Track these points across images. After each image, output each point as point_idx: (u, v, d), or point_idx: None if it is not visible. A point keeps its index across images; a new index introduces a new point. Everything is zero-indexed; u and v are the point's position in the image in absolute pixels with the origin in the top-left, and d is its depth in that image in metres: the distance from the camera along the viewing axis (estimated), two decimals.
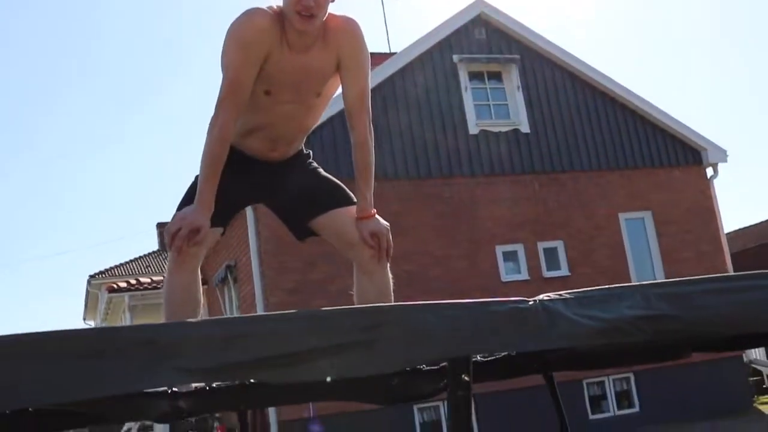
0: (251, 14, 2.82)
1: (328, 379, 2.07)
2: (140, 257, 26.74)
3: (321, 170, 3.22)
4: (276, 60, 2.84)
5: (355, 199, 3.04)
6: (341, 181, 3.19)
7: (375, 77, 13.66)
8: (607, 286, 2.47)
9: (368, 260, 3.02)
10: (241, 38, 2.80)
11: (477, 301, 2.26)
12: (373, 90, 11.97)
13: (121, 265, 25.66)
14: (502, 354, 2.96)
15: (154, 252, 26.65)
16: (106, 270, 24.25)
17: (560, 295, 2.34)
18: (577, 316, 2.25)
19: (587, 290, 2.42)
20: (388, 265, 3.09)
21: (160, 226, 24.95)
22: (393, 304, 2.14)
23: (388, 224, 3.01)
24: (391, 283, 3.11)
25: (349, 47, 2.93)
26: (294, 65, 2.87)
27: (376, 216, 2.99)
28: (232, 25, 2.83)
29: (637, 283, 2.52)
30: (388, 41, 19.76)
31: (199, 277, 3.01)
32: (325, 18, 2.83)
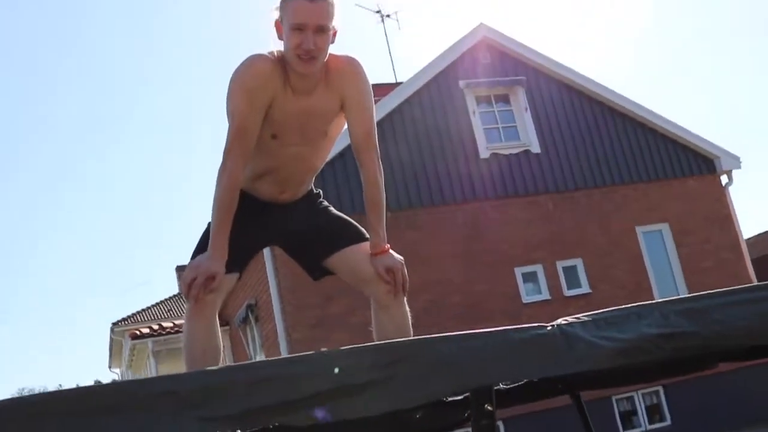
0: (253, 61, 2.84)
1: (352, 418, 2.07)
2: (161, 301, 26.77)
3: (332, 209, 3.23)
4: (280, 104, 2.86)
5: (367, 235, 3.05)
6: (356, 216, 3.20)
7: (382, 107, 13.77)
8: (625, 306, 2.47)
9: (385, 295, 3.02)
10: (245, 85, 2.82)
11: (496, 330, 2.26)
12: (381, 120, 12.09)
13: (143, 310, 25.68)
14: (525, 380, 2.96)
15: (174, 296, 26.70)
16: (129, 317, 24.29)
17: (578, 318, 2.34)
18: (596, 338, 2.25)
19: (605, 311, 2.42)
20: (405, 299, 3.10)
21: (180, 269, 25.02)
22: (411, 338, 2.14)
23: (402, 258, 3.01)
24: (410, 317, 3.11)
25: (353, 87, 2.95)
26: (298, 108, 2.89)
27: (390, 251, 3.00)
28: (234, 72, 2.85)
29: (655, 301, 2.51)
30: (394, 71, 19.86)
31: (218, 323, 3.02)
32: (326, 59, 2.85)
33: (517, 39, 15.36)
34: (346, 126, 3.07)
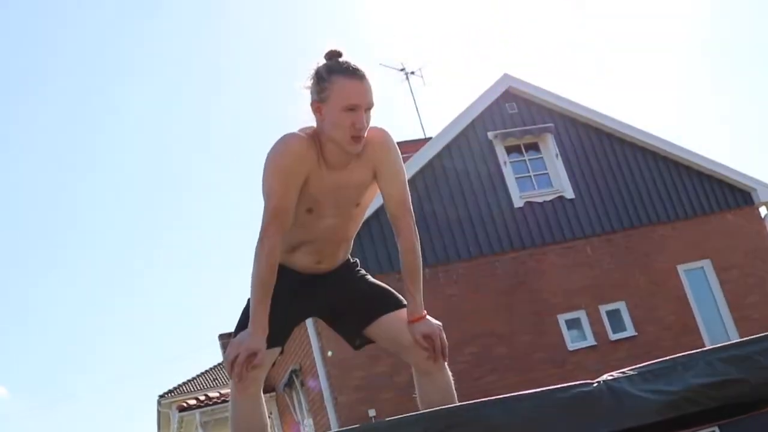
0: (287, 141, 2.87)
1: None
2: (206, 371, 26.81)
3: (369, 277, 3.25)
4: (315, 181, 2.89)
5: (405, 302, 3.07)
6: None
7: (414, 163, 13.87)
8: (670, 357, 2.46)
9: (425, 362, 3.02)
10: (280, 166, 2.84)
11: (542, 391, 2.27)
12: (413, 176, 12.12)
13: (189, 381, 25.73)
14: None
15: (219, 364, 26.75)
16: (175, 388, 24.34)
17: (623, 372, 2.34)
18: (644, 393, 2.25)
19: (650, 364, 2.42)
20: (446, 363, 3.09)
21: (222, 338, 25.07)
22: (459, 404, 2.15)
23: (440, 324, 3.01)
24: (452, 382, 3.11)
25: (385, 157, 2.98)
26: (333, 182, 2.92)
27: (427, 317, 3.01)
28: (269, 153, 2.88)
29: (700, 350, 2.51)
30: (422, 126, 19.95)
31: (262, 398, 3.04)
32: None
33: (542, 86, 15.45)
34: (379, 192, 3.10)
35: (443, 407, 2.14)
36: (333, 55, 2.85)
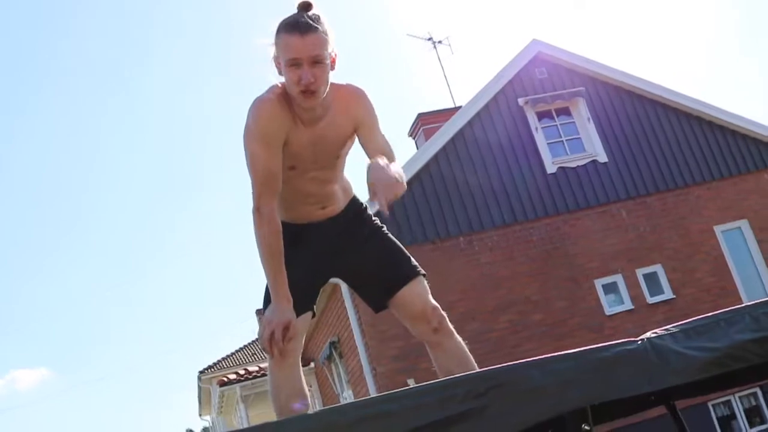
0: (259, 107, 2.86)
1: None
2: (245, 346, 27.04)
3: (385, 231, 3.22)
4: (294, 139, 2.89)
5: (419, 270, 3.09)
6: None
7: (444, 133, 13.83)
8: (713, 314, 2.44)
9: (431, 335, 3.05)
10: (258, 133, 2.84)
11: (586, 350, 2.25)
12: (444, 146, 12.10)
13: (228, 356, 25.98)
14: None
15: (257, 339, 26.95)
16: (215, 364, 24.59)
17: (667, 329, 2.32)
18: (688, 350, 2.22)
19: (693, 320, 2.39)
20: (452, 328, 3.09)
21: (260, 312, 25.26)
22: (500, 366, 2.14)
23: (398, 171, 2.69)
24: (464, 345, 3.10)
25: (362, 109, 2.98)
26: (311, 139, 2.91)
27: (387, 164, 2.68)
28: (246, 122, 2.88)
29: (744, 305, 2.47)
30: (452, 95, 19.91)
31: (300, 368, 3.04)
32: (328, 88, 2.84)
33: (572, 50, 15.29)
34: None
35: (488, 369, 2.13)
36: (301, 7, 2.82)
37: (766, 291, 14.47)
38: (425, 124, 16.57)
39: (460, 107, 15.28)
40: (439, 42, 17.74)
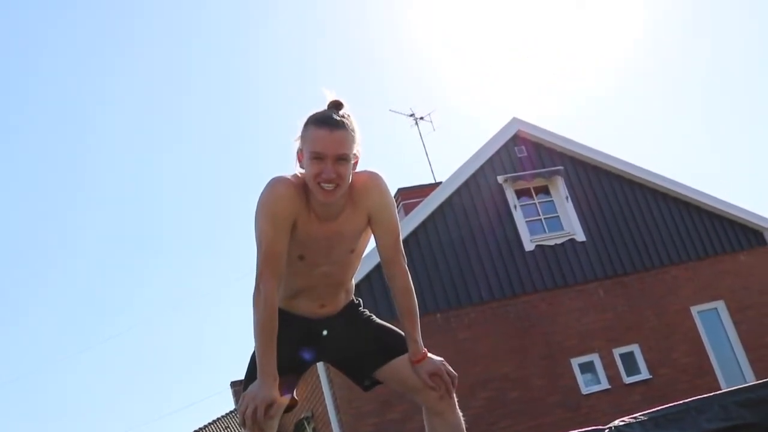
0: (274, 185, 2.87)
1: None
2: (218, 419, 26.61)
3: (374, 318, 3.24)
4: (304, 226, 2.88)
5: None
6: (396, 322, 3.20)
7: (424, 208, 13.89)
8: (683, 401, 2.43)
9: (438, 402, 3.01)
10: (268, 210, 2.85)
11: None
12: (424, 221, 12.10)
13: (200, 429, 25.55)
14: None
15: (231, 412, 26.57)
16: None
17: (635, 417, 2.31)
18: None
19: (662, 408, 2.39)
20: (456, 402, 3.08)
21: (235, 385, 24.94)
22: None
23: (442, 359, 3.01)
24: (463, 422, 3.09)
25: (378, 201, 2.96)
26: (324, 232, 2.91)
27: (429, 355, 3.00)
28: (259, 198, 2.89)
29: (713, 393, 2.47)
30: (432, 171, 20.03)
31: None
32: (348, 185, 2.85)
33: (550, 129, 15.49)
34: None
35: None
36: (332, 105, 2.87)
37: (743, 371, 14.46)
38: (405, 198, 16.66)
39: (440, 183, 15.39)
40: (421, 118, 17.92)
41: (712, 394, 2.48)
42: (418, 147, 34.02)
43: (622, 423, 2.24)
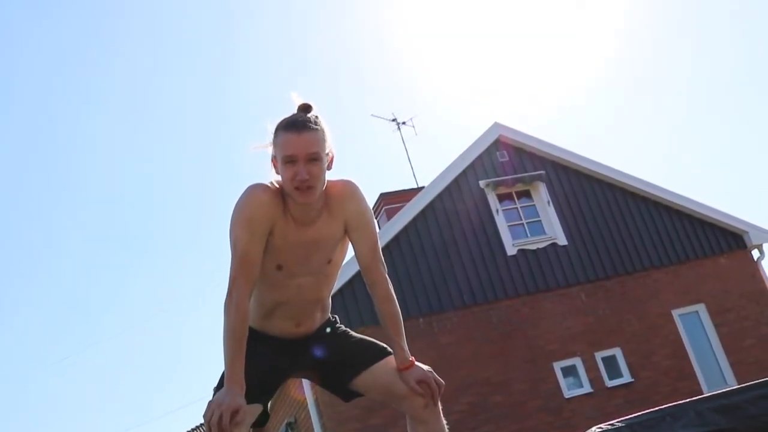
0: (251, 190, 2.89)
1: None
2: (193, 429, 26.39)
3: (351, 332, 3.24)
4: (282, 233, 2.89)
5: (390, 350, 3.06)
6: (369, 330, 3.19)
7: (406, 213, 13.91)
8: (659, 408, 2.46)
9: (422, 410, 3.01)
10: (244, 214, 2.86)
11: None
12: (406, 226, 12.10)
13: (193, 430, 25.33)
14: None
15: (199, 425, 26.37)
16: None
17: (612, 424, 2.33)
18: None
19: (639, 415, 2.41)
20: (441, 409, 3.08)
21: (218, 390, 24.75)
22: None
23: (429, 367, 3.01)
24: (447, 429, 3.10)
25: (354, 209, 2.99)
26: (302, 239, 2.92)
27: (416, 363, 3.01)
28: (236, 202, 2.90)
29: (689, 400, 2.50)
30: (414, 176, 20.03)
31: None
32: (324, 187, 2.89)
33: (532, 134, 15.56)
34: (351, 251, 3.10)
35: None
36: (301, 108, 2.90)
37: (723, 374, 14.56)
38: (387, 203, 16.69)
39: (422, 188, 15.42)
40: (403, 123, 17.94)
41: (687, 400, 2.51)
42: (400, 152, 34.04)
43: (600, 430, 2.26)
